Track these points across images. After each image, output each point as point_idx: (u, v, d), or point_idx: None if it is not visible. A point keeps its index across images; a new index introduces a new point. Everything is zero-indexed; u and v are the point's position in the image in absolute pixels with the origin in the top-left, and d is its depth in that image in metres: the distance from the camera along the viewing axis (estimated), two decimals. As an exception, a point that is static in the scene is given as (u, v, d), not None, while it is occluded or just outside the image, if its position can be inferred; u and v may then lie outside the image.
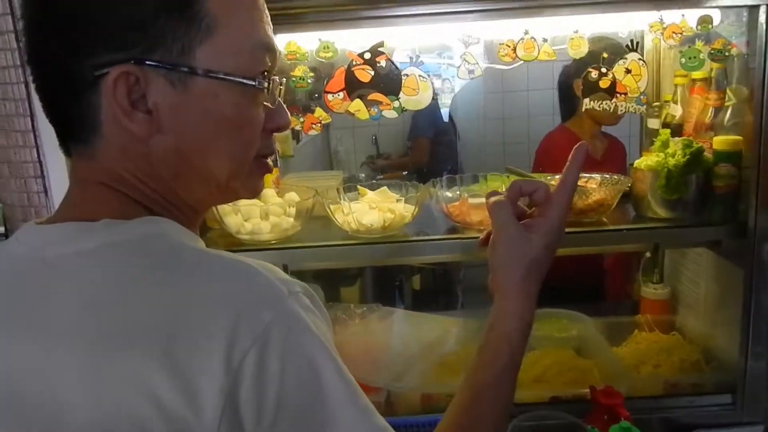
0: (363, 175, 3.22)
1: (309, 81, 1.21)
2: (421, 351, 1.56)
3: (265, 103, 0.67)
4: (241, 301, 0.56)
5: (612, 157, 2.04)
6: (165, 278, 0.58)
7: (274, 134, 0.72)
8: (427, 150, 3.24)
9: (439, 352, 1.54)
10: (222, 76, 0.61)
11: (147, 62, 0.59)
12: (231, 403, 0.53)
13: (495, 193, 0.84)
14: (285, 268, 1.65)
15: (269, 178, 1.41)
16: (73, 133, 0.64)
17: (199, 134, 0.63)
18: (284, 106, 0.71)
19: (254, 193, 0.72)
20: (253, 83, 0.63)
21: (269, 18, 0.67)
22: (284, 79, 0.73)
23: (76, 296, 0.58)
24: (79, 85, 0.60)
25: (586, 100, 1.28)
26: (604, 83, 1.25)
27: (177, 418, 0.52)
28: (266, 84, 0.65)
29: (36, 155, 1.29)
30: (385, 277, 2.57)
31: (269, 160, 0.72)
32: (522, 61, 1.24)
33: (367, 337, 1.61)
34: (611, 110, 1.27)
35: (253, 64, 0.64)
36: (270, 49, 0.66)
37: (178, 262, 0.60)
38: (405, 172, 3.28)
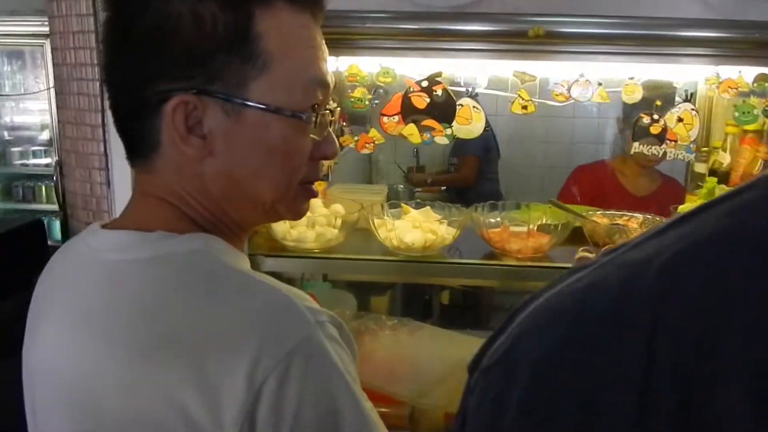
0: (401, 187, 3.24)
1: (367, 102, 1.25)
2: (448, 369, 1.58)
3: (312, 136, 0.70)
4: (269, 324, 0.59)
5: (661, 197, 1.98)
6: (200, 295, 0.63)
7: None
8: (476, 169, 3.23)
9: (465, 372, 1.57)
10: (273, 110, 0.65)
11: (205, 92, 0.63)
12: (249, 421, 0.56)
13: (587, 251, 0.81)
14: (325, 277, 1.70)
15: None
16: (137, 149, 0.70)
17: (248, 160, 0.67)
18: (333, 135, 0.74)
19: (298, 215, 0.76)
20: (302, 118, 0.67)
21: (326, 54, 0.71)
22: (338, 108, 0.76)
23: (128, 303, 0.64)
24: (145, 108, 0.65)
25: (636, 144, 1.30)
26: (654, 129, 1.27)
27: (200, 428, 0.57)
28: (314, 118, 0.68)
29: (102, 149, 1.36)
30: (415, 291, 2.60)
31: (313, 186, 0.75)
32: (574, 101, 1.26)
33: (396, 349, 1.64)
34: (659, 155, 1.29)
35: (304, 98, 0.67)
36: (322, 84, 0.69)
37: (215, 282, 0.64)
38: (443, 188, 3.29)
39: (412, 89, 1.25)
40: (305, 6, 0.68)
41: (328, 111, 0.72)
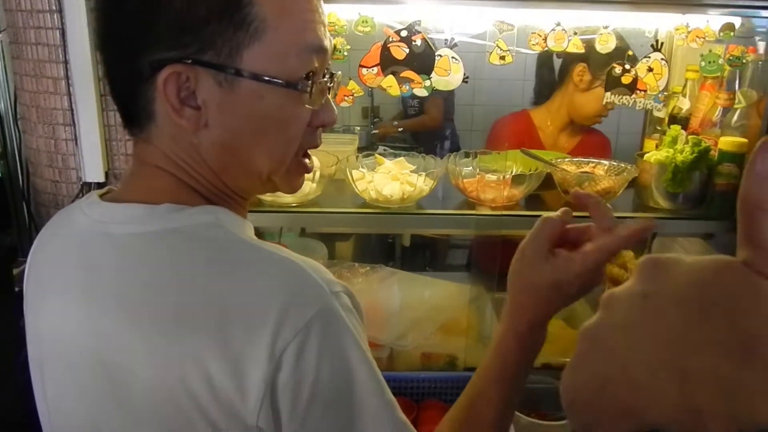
0: (358, 128, 3.21)
1: (345, 53, 1.23)
2: (422, 313, 1.64)
3: (307, 106, 0.68)
4: (288, 296, 0.61)
5: (582, 153, 1.79)
6: (220, 269, 0.63)
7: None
8: (443, 110, 3.20)
9: (440, 315, 1.63)
10: (266, 79, 0.64)
11: (197, 63, 0.62)
12: (271, 389, 0.59)
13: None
14: (303, 231, 1.70)
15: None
16: (133, 119, 0.69)
17: (243, 131, 0.67)
18: (332, 102, 0.73)
19: (293, 189, 0.76)
20: (297, 88, 0.66)
21: (324, 17, 0.69)
22: (339, 73, 0.75)
23: (143, 275, 0.64)
24: (138, 77, 0.64)
25: (608, 94, 1.33)
26: (626, 79, 1.31)
27: (226, 398, 0.59)
28: (309, 86, 0.67)
29: (67, 103, 1.30)
30: (379, 235, 2.64)
31: (308, 161, 0.75)
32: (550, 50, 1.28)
33: (371, 296, 1.69)
34: (629, 105, 1.33)
35: (299, 65, 0.66)
36: (318, 50, 0.68)
37: (233, 255, 0.65)
38: (401, 129, 3.27)
39: (391, 39, 1.23)
40: None
41: (326, 77, 0.71)
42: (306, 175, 0.77)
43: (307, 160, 0.75)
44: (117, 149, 1.20)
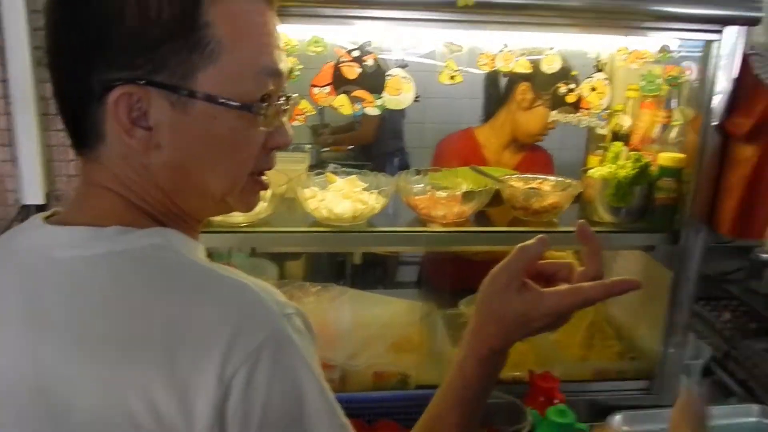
0: (309, 146, 3.20)
1: (297, 73, 1.22)
2: (373, 331, 1.64)
3: (261, 128, 0.68)
4: (238, 319, 0.59)
5: (525, 170, 1.81)
6: (169, 292, 0.61)
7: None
8: (377, 126, 3.23)
9: (391, 333, 1.63)
10: (220, 101, 0.64)
11: (150, 83, 0.61)
12: (220, 416, 0.57)
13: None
14: (253, 251, 1.68)
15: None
16: (81, 138, 0.67)
17: (196, 152, 0.66)
18: (287, 125, 0.73)
19: (248, 207, 0.75)
20: (251, 110, 0.65)
21: (280, 40, 0.69)
22: (296, 96, 0.75)
23: (88, 301, 0.62)
24: (88, 96, 0.63)
25: (553, 112, 1.37)
26: (570, 98, 1.35)
27: (171, 427, 0.57)
28: (264, 109, 0.67)
29: (5, 123, 1.24)
30: (329, 253, 2.63)
31: (264, 177, 0.74)
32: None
33: (323, 315, 1.67)
34: (574, 123, 1.37)
35: (255, 88, 0.66)
36: (273, 73, 0.67)
37: (182, 277, 0.63)
38: (350, 147, 3.28)
39: (342, 59, 1.24)
40: None
41: (282, 99, 0.70)
42: (257, 194, 0.76)
43: (263, 177, 0.74)
44: (59, 170, 1.15)
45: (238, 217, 1.35)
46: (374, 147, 3.26)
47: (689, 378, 1.73)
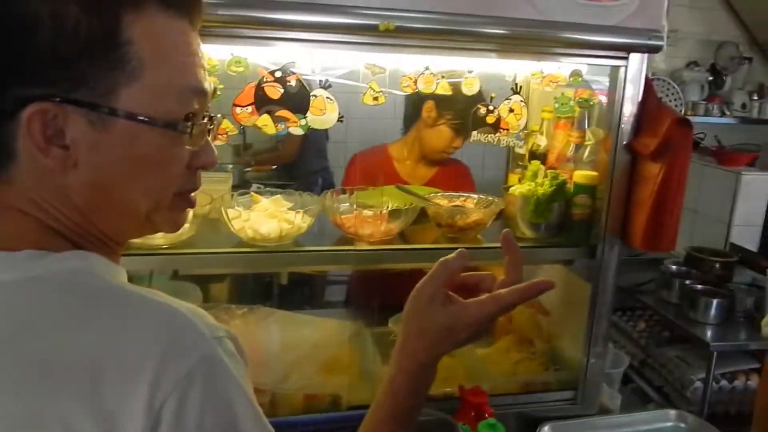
0: (231, 166, 3.16)
1: (218, 92, 1.21)
2: (303, 352, 1.62)
3: (187, 147, 0.67)
4: (167, 344, 0.58)
5: (440, 183, 1.96)
6: (90, 319, 0.59)
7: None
8: (298, 145, 3.24)
9: (321, 354, 1.62)
10: (143, 120, 0.62)
11: (66, 101, 0.59)
12: None
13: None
14: (176, 273, 1.63)
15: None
16: None
17: (117, 172, 0.64)
18: (211, 144, 0.72)
19: (175, 226, 0.73)
20: (176, 128, 0.65)
21: (203, 60, 0.69)
22: (219, 116, 0.74)
23: (3, 332, 0.58)
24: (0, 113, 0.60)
25: (474, 132, 1.42)
26: (490, 119, 1.40)
27: None
28: (188, 128, 0.66)
29: None
30: (255, 274, 2.58)
31: (192, 195, 0.73)
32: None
33: (250, 338, 1.64)
34: (494, 142, 1.42)
35: (179, 107, 0.65)
36: (198, 92, 0.67)
37: (104, 302, 0.61)
38: (274, 167, 3.27)
39: (265, 79, 1.23)
40: (181, 12, 0.65)
41: (206, 119, 0.70)
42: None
43: (191, 195, 0.73)
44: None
45: (158, 239, 1.31)
46: (298, 166, 3.25)
47: (611, 387, 1.80)
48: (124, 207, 0.66)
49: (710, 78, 3.68)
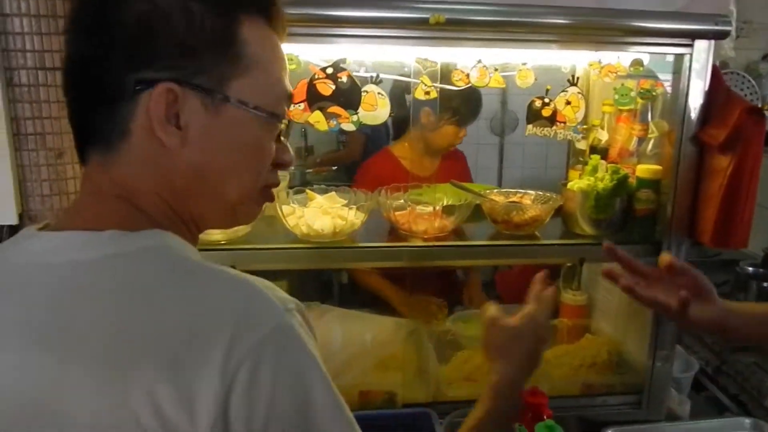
0: (293, 168, 3.20)
1: (272, 91, 1.23)
2: (359, 349, 1.62)
3: (280, 139, 0.75)
4: (240, 314, 0.60)
5: (446, 172, 2.07)
6: (169, 290, 0.62)
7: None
8: (363, 145, 3.25)
9: (377, 351, 1.61)
10: (253, 108, 0.69)
11: (188, 85, 0.65)
12: (223, 411, 0.57)
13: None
14: (233, 268, 1.67)
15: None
16: (99, 138, 0.68)
17: (220, 155, 0.70)
18: (288, 145, 0.79)
19: (252, 219, 0.78)
20: (276, 119, 0.72)
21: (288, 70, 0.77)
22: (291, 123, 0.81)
23: (85, 307, 0.61)
24: (118, 93, 0.66)
25: (529, 126, 1.38)
26: (546, 112, 1.36)
27: (174, 425, 0.56)
28: (284, 122, 0.74)
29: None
30: (315, 272, 2.61)
31: (273, 190, 0.79)
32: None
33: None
34: (551, 136, 1.38)
35: (275, 104, 0.72)
36: (288, 98, 0.76)
37: (181, 275, 0.64)
38: (335, 167, 3.29)
39: (317, 76, 1.25)
40: (276, 26, 0.74)
41: (287, 122, 0.77)
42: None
43: (272, 190, 0.78)
44: (32, 190, 1.14)
45: (216, 235, 1.35)
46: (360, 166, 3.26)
47: (679, 393, 1.71)
48: (218, 192, 0.71)
49: (790, 70, 3.46)
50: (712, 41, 1.31)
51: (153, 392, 0.56)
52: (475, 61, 1.30)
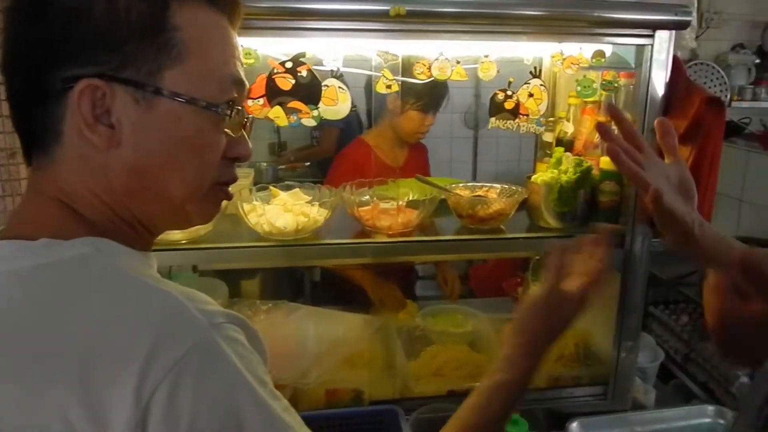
0: (264, 164, 3.17)
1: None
2: (325, 347, 1.61)
3: (226, 130, 0.69)
4: (157, 331, 0.56)
5: (413, 163, 2.19)
6: (85, 305, 0.59)
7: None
8: (336, 141, 3.22)
9: (344, 349, 1.60)
10: (187, 100, 0.65)
11: (115, 79, 0.62)
12: None
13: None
14: (194, 268, 1.64)
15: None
16: (36, 141, 0.66)
17: (157, 152, 0.66)
18: (247, 138, 0.74)
19: (207, 218, 0.74)
20: (215, 110, 0.67)
21: (241, 54, 0.72)
22: (251, 117, 0.76)
23: (8, 319, 0.59)
24: (48, 94, 0.63)
25: (492, 119, 1.37)
26: (509, 105, 1.35)
27: None
28: (228, 112, 0.68)
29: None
30: (286, 271, 2.58)
31: (229, 187, 0.75)
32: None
33: (273, 333, 1.64)
34: (513, 129, 1.37)
35: (219, 92, 0.67)
36: (237, 82, 0.70)
37: (101, 289, 0.60)
38: (308, 163, 3.26)
39: (276, 71, 1.22)
40: (223, 10, 0.69)
41: (242, 111, 0.72)
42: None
43: (227, 187, 0.74)
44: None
45: (176, 235, 1.31)
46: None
47: (645, 382, 1.73)
48: (160, 192, 0.68)
49: (757, 61, 3.51)
50: (673, 32, 1.31)
51: (66, 412, 0.53)
52: (437, 54, 1.28)
